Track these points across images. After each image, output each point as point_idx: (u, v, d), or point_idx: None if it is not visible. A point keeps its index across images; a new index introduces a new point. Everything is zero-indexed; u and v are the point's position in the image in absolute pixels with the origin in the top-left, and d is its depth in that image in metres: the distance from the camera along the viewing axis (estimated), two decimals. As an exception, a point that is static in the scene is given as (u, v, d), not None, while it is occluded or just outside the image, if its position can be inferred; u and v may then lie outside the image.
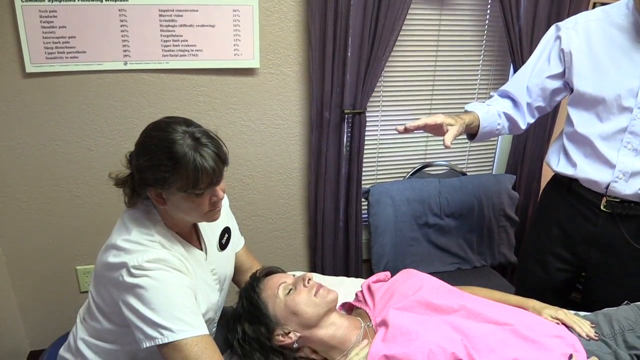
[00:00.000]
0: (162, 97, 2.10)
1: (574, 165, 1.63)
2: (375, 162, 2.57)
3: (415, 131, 1.58)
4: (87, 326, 1.36)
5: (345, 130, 2.29)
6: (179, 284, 1.18)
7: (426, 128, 1.60)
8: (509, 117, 1.75)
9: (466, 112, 1.73)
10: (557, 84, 1.67)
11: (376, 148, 2.54)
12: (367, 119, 2.30)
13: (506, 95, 1.78)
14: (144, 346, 1.14)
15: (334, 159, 2.31)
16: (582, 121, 1.60)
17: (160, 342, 1.12)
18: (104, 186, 2.16)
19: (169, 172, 1.13)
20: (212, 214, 1.26)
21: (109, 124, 2.09)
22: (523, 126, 1.77)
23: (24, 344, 2.33)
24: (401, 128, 1.56)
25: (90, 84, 2.01)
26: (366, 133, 2.32)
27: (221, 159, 1.18)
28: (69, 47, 1.92)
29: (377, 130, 2.50)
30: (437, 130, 1.61)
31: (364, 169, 2.42)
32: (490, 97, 1.83)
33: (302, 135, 2.33)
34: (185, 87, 2.11)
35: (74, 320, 1.44)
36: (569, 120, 1.65)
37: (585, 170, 1.60)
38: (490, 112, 1.73)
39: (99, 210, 2.20)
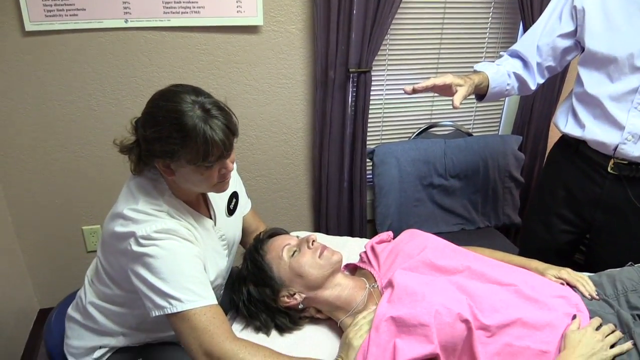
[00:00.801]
0: (164, 55, 2.07)
1: (582, 126, 1.61)
2: (380, 122, 2.54)
3: (423, 92, 1.55)
4: (96, 289, 1.37)
5: (350, 89, 2.26)
6: (187, 253, 1.17)
7: (434, 89, 1.57)
8: (518, 77, 1.72)
9: (475, 72, 1.70)
10: (568, 42, 1.63)
11: (381, 108, 2.51)
12: (373, 78, 2.27)
13: (516, 55, 1.74)
14: (153, 315, 1.14)
15: (338, 119, 2.28)
16: (593, 81, 1.57)
17: (169, 312, 1.12)
18: (108, 147, 2.13)
19: (178, 144, 1.10)
20: (221, 185, 1.24)
21: (110, 83, 2.06)
22: (533, 87, 1.74)
23: (34, 302, 2.38)
24: (409, 88, 1.53)
25: (90, 42, 1.97)
26: (371, 92, 2.29)
27: (231, 131, 1.14)
28: (68, 5, 1.87)
29: (382, 89, 2.46)
30: (446, 90, 1.58)
31: (369, 129, 2.39)
32: (500, 56, 1.79)
33: (307, 94, 2.30)
34: (187, 46, 2.07)
35: (82, 279, 1.46)
36: (579, 81, 1.62)
37: (594, 131, 1.58)
38: (500, 72, 1.70)
39: (103, 171, 2.20)
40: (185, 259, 1.16)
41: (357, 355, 1.13)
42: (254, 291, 1.33)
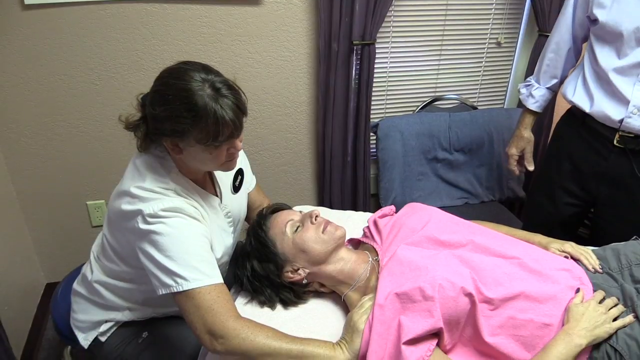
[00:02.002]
0: (165, 28, 2.04)
1: (590, 96, 1.61)
2: (384, 95, 2.52)
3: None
4: (102, 265, 1.38)
5: (354, 62, 2.23)
6: (194, 232, 1.17)
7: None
8: (555, 86, 1.83)
9: (523, 111, 1.89)
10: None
11: (385, 81, 2.48)
12: (377, 51, 2.24)
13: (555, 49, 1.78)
14: (160, 293, 1.14)
15: (342, 92, 2.26)
16: (601, 54, 1.56)
17: (175, 291, 1.12)
18: (110, 121, 2.15)
19: (188, 124, 1.09)
20: (228, 164, 1.24)
21: (112, 57, 2.04)
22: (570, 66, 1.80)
23: (40, 277, 2.41)
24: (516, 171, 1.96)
25: (91, 15, 1.94)
26: (375, 65, 2.26)
27: (241, 110, 1.13)
28: (67, -24, 1.84)
29: (386, 62, 2.43)
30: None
31: (372, 103, 2.37)
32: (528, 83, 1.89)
33: (310, 67, 2.28)
34: (188, 18, 2.04)
35: (87, 253, 1.47)
36: (590, 53, 1.61)
37: (601, 104, 1.58)
38: (538, 95, 1.83)
39: (107, 146, 2.20)
40: (192, 237, 1.16)
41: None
42: (258, 267, 1.33)
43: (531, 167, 1.91)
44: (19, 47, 1.93)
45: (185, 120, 1.09)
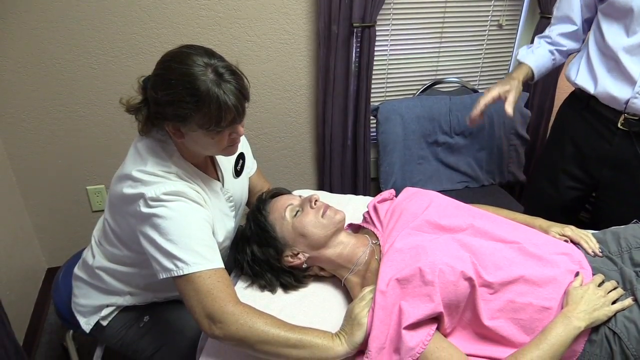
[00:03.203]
0: (164, 11, 2.02)
1: (594, 78, 1.59)
2: (384, 78, 2.50)
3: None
4: (104, 250, 1.38)
5: (354, 45, 2.21)
6: (196, 216, 1.17)
7: (488, 105, 1.67)
8: (561, 52, 1.75)
9: (518, 63, 1.76)
10: None
11: (386, 64, 2.46)
12: (377, 33, 2.22)
13: (561, 22, 1.74)
14: (161, 277, 1.14)
15: (342, 76, 2.25)
16: (610, 33, 1.54)
17: (176, 274, 1.12)
18: (109, 106, 2.13)
19: (191, 109, 1.08)
20: (230, 148, 1.24)
21: (110, 40, 2.03)
22: (579, 46, 1.75)
23: (41, 262, 2.41)
24: (468, 122, 1.73)
25: (88, -3, 1.93)
26: (376, 48, 2.24)
27: (244, 96, 1.13)
28: (63, -42, 1.82)
29: (387, 45, 2.41)
30: (496, 101, 1.67)
31: (373, 86, 2.36)
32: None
33: (310, 50, 2.26)
34: (187, 1, 2.02)
35: (87, 238, 1.47)
36: (599, 31, 1.59)
37: (606, 84, 1.56)
38: (539, 54, 1.73)
39: (106, 130, 2.19)
40: (193, 221, 1.16)
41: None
42: (258, 251, 1.33)
43: (510, 111, 1.67)
44: (16, 31, 1.91)
45: (187, 105, 1.08)
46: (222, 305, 1.10)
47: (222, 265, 1.17)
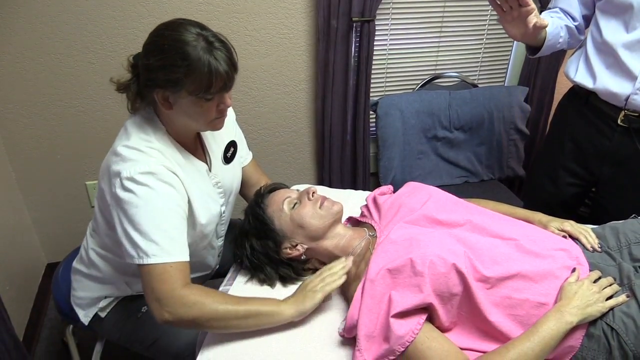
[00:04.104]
0: (163, 6, 2.02)
1: (593, 76, 1.58)
2: (384, 73, 2.50)
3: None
4: (97, 238, 1.39)
5: (354, 39, 2.20)
6: (164, 205, 1.17)
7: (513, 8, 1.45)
8: (569, 30, 1.67)
9: None
10: None
11: (385, 58, 2.46)
12: (376, 28, 2.21)
13: (562, 12, 1.69)
14: (127, 261, 1.17)
15: (341, 70, 2.24)
16: (609, 29, 1.53)
17: (137, 262, 1.15)
18: (108, 100, 2.13)
19: (182, 73, 1.11)
20: (217, 121, 1.26)
21: (108, 35, 2.02)
22: (582, 36, 1.70)
23: (41, 257, 2.42)
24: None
25: (86, -8, 1.92)
26: (375, 42, 2.23)
27: (233, 65, 1.17)
28: (61, -48, 1.81)
29: (386, 39, 2.41)
30: (518, 18, 1.47)
31: (372, 81, 2.35)
32: (551, 8, 1.73)
33: (309, 45, 2.25)
34: (185, -5, 2.02)
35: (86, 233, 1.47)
36: (596, 28, 1.58)
37: (606, 81, 1.55)
38: (554, 24, 1.63)
39: (105, 126, 2.18)
40: (160, 211, 1.17)
41: (352, 306, 1.15)
42: (257, 244, 1.34)
43: (542, 21, 1.49)
44: (14, 25, 1.90)
45: (179, 69, 1.11)
46: (171, 289, 1.12)
47: (183, 258, 1.18)
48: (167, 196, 1.19)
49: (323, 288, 1.22)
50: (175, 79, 1.12)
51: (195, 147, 1.36)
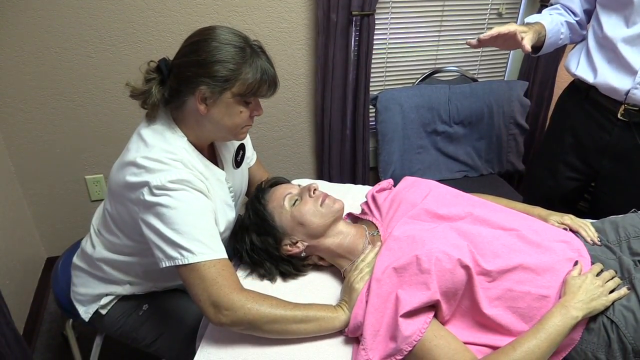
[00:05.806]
0: (161, -1, 2.01)
1: (594, 69, 1.58)
2: (383, 67, 2.49)
3: (487, 44, 1.50)
4: (103, 239, 1.37)
5: (353, 33, 2.20)
6: (200, 206, 1.16)
7: (498, 39, 1.49)
8: (570, 26, 1.67)
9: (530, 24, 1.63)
10: None
11: (385, 53, 2.45)
12: (376, 22, 2.20)
13: (562, 7, 1.69)
14: (163, 266, 1.14)
15: (341, 64, 2.24)
16: (610, 24, 1.53)
17: (180, 263, 1.11)
18: (107, 95, 2.13)
19: (236, 70, 1.13)
20: (244, 130, 1.27)
21: (107, 29, 2.01)
22: (584, 30, 1.70)
23: (41, 251, 2.42)
24: (474, 42, 1.50)
25: (84, -14, 1.91)
26: (375, 36, 2.23)
27: (275, 73, 1.21)
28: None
29: (386, 33, 2.40)
30: (509, 41, 1.50)
31: (372, 75, 2.35)
32: (551, 5, 1.73)
33: (308, 39, 2.25)
34: (184, -11, 2.01)
35: (86, 228, 1.47)
36: (597, 22, 1.58)
37: (606, 75, 1.55)
38: (554, 21, 1.64)
39: (104, 120, 2.18)
40: (198, 211, 1.15)
41: (356, 305, 1.15)
42: (257, 240, 1.33)
43: (528, 46, 1.47)
44: (13, 19, 1.90)
45: (233, 66, 1.13)
46: (228, 293, 1.11)
47: (226, 255, 1.17)
48: (201, 199, 1.17)
49: (363, 278, 1.21)
50: (227, 76, 1.13)
51: (212, 155, 1.35)
